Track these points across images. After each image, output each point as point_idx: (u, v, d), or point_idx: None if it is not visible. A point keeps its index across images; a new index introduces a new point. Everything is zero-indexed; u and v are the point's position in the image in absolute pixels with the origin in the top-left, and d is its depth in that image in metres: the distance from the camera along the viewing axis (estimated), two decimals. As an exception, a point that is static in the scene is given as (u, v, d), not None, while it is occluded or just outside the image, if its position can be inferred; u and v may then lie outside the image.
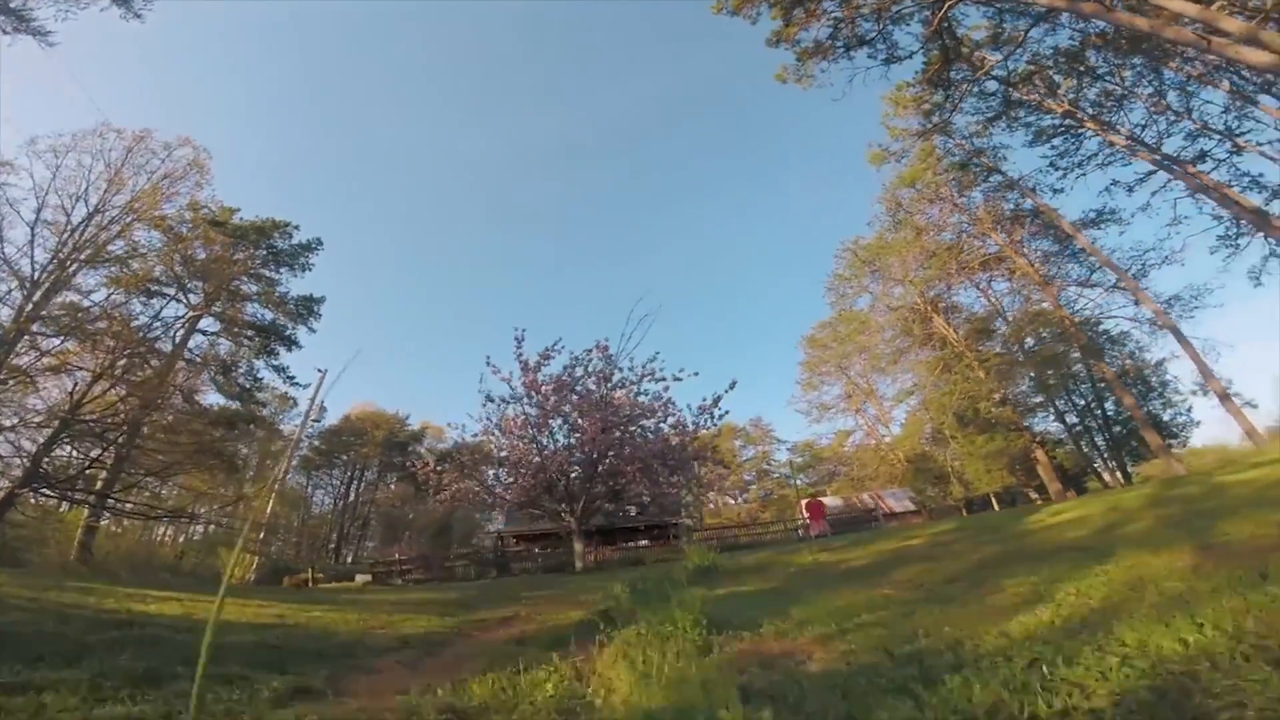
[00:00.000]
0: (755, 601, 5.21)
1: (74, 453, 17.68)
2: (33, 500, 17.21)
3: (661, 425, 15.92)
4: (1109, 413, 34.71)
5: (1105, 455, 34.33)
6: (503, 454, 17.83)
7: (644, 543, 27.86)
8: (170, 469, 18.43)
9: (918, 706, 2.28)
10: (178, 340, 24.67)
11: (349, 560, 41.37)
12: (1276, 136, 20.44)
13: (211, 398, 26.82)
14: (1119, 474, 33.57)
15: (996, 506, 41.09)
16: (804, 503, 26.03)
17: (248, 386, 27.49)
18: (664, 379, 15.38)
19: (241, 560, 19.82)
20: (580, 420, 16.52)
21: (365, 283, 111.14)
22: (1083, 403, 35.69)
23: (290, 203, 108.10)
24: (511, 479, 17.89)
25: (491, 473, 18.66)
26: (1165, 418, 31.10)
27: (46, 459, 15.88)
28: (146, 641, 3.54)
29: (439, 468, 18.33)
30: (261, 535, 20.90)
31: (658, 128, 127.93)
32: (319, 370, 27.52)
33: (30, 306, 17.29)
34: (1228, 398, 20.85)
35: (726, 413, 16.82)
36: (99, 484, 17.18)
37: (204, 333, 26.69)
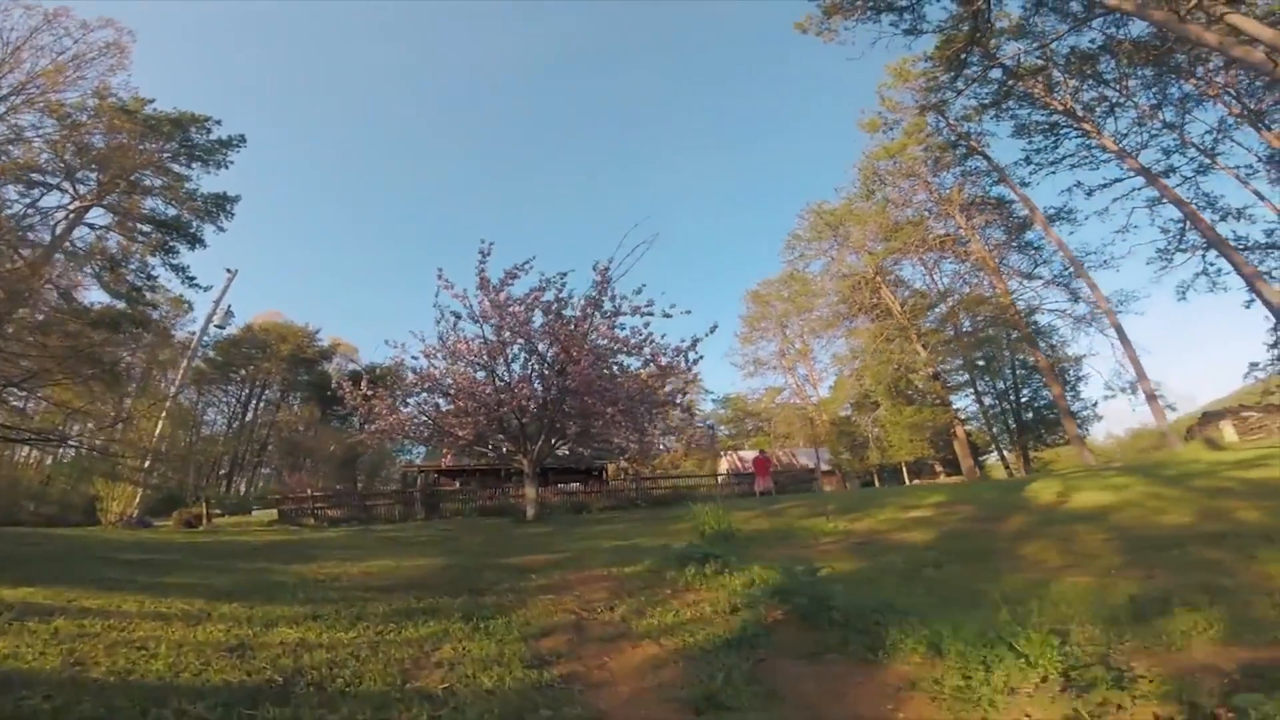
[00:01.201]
0: (894, 592, 3.94)
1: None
2: None
3: (649, 364, 14.29)
4: (1023, 399, 37.10)
5: (1014, 439, 36.84)
6: (447, 381, 15.50)
7: (575, 485, 26.63)
8: (36, 378, 14.67)
9: None
10: (58, 232, 21.73)
11: (242, 489, 37.42)
12: (1246, 162, 21.64)
13: (95, 295, 23.54)
14: (1021, 457, 36.27)
15: (907, 476, 43.87)
16: (753, 456, 25.76)
17: (138, 285, 24.33)
18: (651, 314, 13.73)
19: (122, 493, 16.50)
20: (543, 349, 14.54)
21: (291, 185, 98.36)
22: (1002, 386, 37.87)
23: (217, 95, 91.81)
24: (453, 409, 15.74)
25: (433, 401, 16.34)
26: (1074, 409, 33.51)
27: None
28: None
29: (369, 392, 15.65)
30: (147, 463, 17.43)
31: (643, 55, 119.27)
32: (228, 270, 23.35)
33: None
34: (1154, 398, 22.33)
35: (701, 357, 15.45)
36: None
37: (92, 226, 23.66)
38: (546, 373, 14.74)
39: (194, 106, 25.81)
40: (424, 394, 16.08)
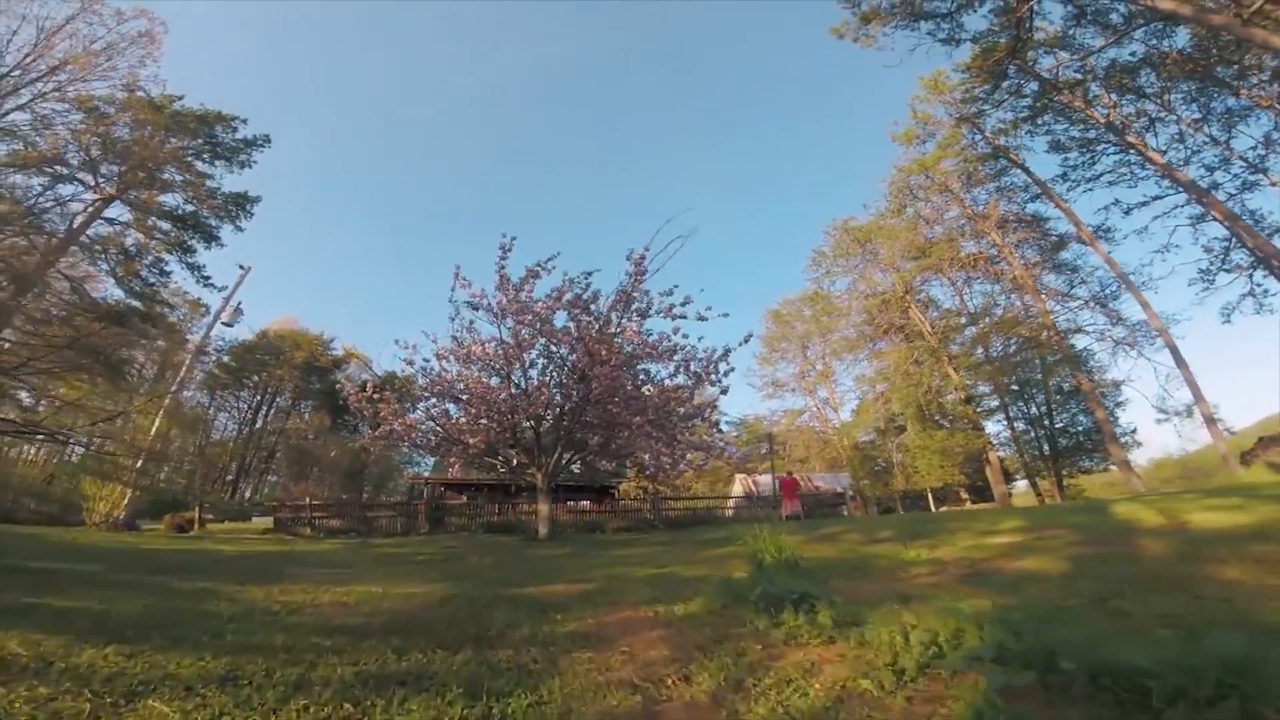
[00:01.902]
0: (1117, 637, 2.65)
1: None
2: None
3: (679, 371, 13.05)
4: (1058, 424, 35.42)
5: (1049, 465, 35.11)
6: (459, 386, 14.40)
7: (586, 503, 25.29)
8: (26, 366, 13.83)
9: None
10: (76, 224, 21.58)
11: (248, 495, 36.49)
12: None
13: (109, 291, 23.22)
14: (1055, 484, 34.42)
15: (932, 503, 41.87)
16: (782, 478, 24.41)
17: (152, 282, 23.95)
18: (684, 316, 12.55)
19: (111, 493, 15.44)
20: (564, 353, 13.42)
21: (313, 190, 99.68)
22: (1035, 411, 36.25)
23: (239, 93, 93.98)
24: (465, 418, 14.62)
25: (443, 407, 15.23)
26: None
27: None
28: None
29: (375, 394, 14.63)
30: (140, 463, 16.36)
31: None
32: (241, 267, 22.57)
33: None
34: (1213, 421, 20.70)
35: (733, 368, 14.16)
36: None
37: (111, 221, 23.29)
38: (566, 381, 13.61)
39: (212, 103, 25.53)
40: (434, 399, 15.04)
